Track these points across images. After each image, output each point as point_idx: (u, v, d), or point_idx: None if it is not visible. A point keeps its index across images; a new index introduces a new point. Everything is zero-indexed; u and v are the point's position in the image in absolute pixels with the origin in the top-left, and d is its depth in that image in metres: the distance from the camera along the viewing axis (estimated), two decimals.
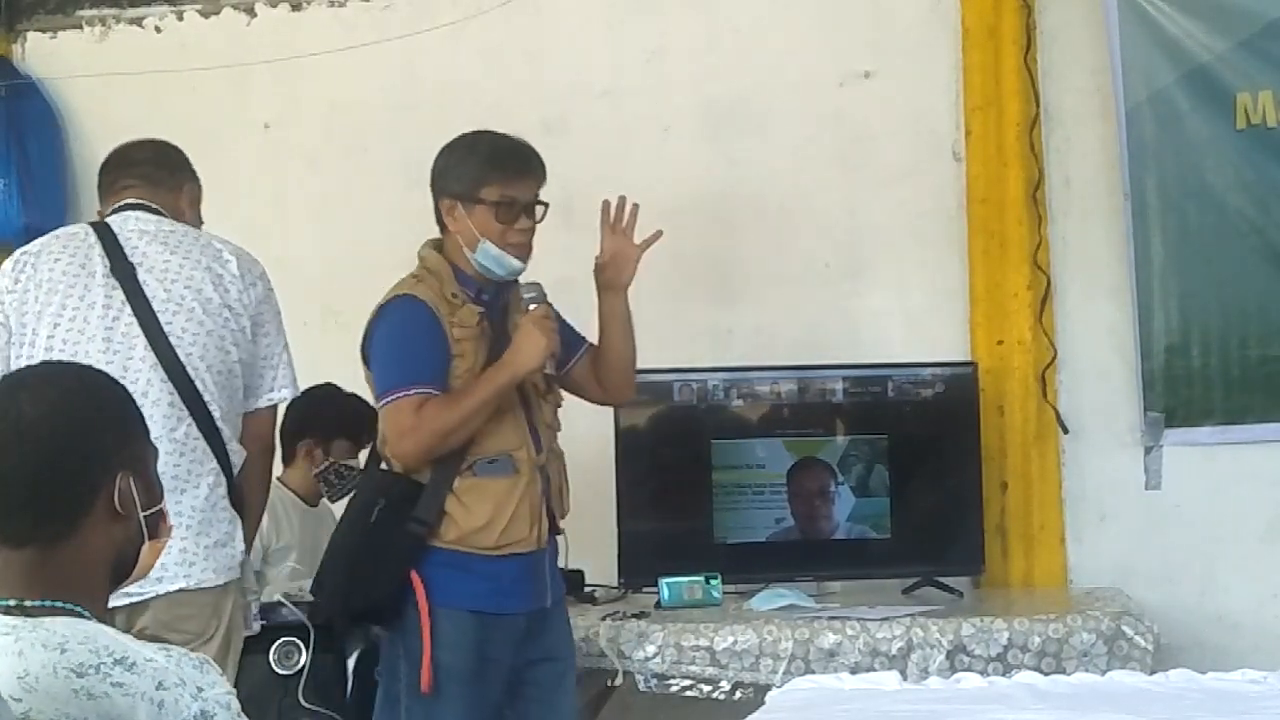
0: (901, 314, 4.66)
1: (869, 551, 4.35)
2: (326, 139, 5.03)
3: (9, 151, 5.07)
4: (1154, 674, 2.95)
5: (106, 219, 3.48)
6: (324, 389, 4.49)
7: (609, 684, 3.92)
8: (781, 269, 4.71)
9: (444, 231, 3.51)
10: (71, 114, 5.19)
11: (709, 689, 3.84)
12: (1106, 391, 4.53)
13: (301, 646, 3.90)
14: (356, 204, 4.98)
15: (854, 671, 3.40)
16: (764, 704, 2.74)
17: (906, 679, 3.08)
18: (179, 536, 3.13)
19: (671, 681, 3.86)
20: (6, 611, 1.77)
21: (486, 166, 3.44)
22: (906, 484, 4.35)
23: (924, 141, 4.66)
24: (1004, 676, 3.05)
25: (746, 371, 4.40)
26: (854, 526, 4.33)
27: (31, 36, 5.26)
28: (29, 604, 1.78)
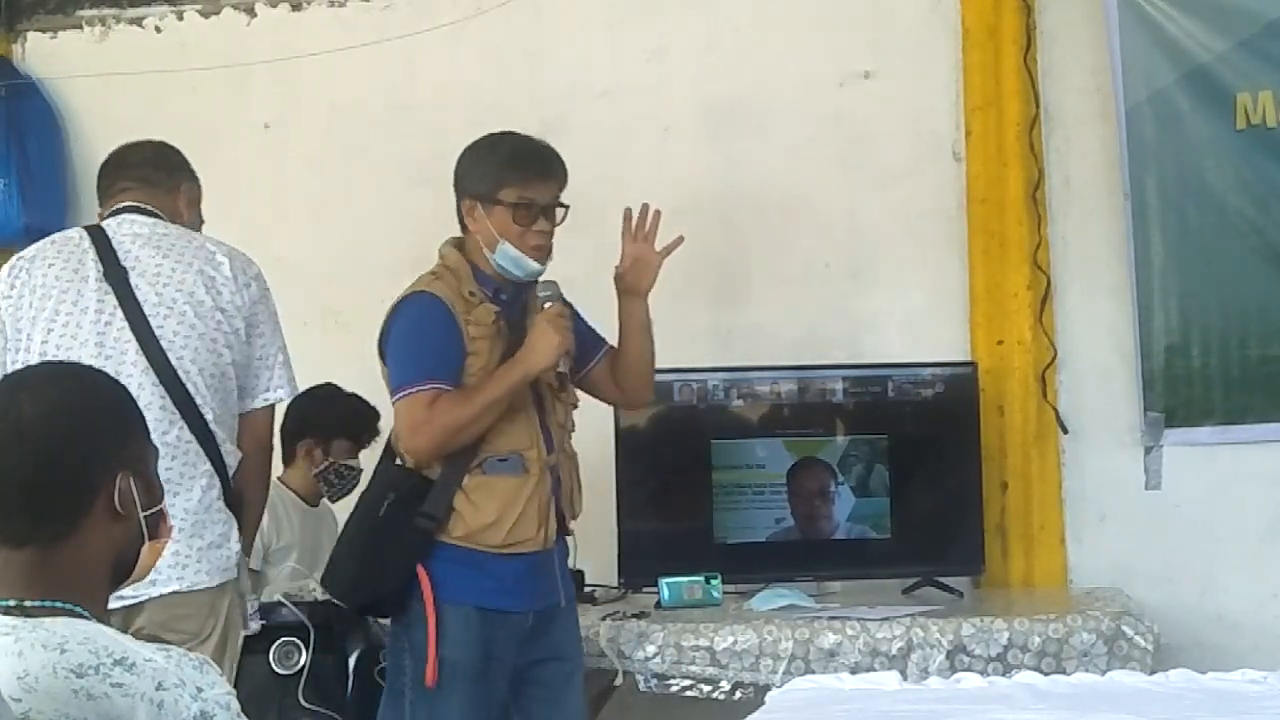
0: (901, 314, 4.66)
1: (869, 551, 4.35)
2: (326, 139, 5.03)
3: (9, 151, 5.06)
4: (1154, 674, 2.95)
5: (102, 223, 3.50)
6: (324, 389, 4.50)
7: (609, 684, 3.92)
8: (781, 269, 4.72)
9: (465, 231, 3.52)
10: (71, 114, 5.19)
11: (709, 689, 3.84)
12: (1106, 391, 4.53)
13: (301, 646, 3.91)
14: (356, 204, 4.98)
15: (854, 671, 3.40)
16: (764, 704, 2.74)
17: (906, 679, 3.08)
18: (172, 539, 3.13)
19: (671, 681, 3.86)
20: (6, 612, 1.77)
21: (506, 168, 3.46)
22: (906, 484, 4.35)
23: (924, 141, 4.66)
24: (1004, 676, 3.05)
25: (746, 371, 4.40)
26: (854, 526, 4.33)
27: (31, 36, 5.26)
28: (29, 604, 1.78)
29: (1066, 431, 4.51)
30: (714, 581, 4.13)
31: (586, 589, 4.22)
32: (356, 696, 3.95)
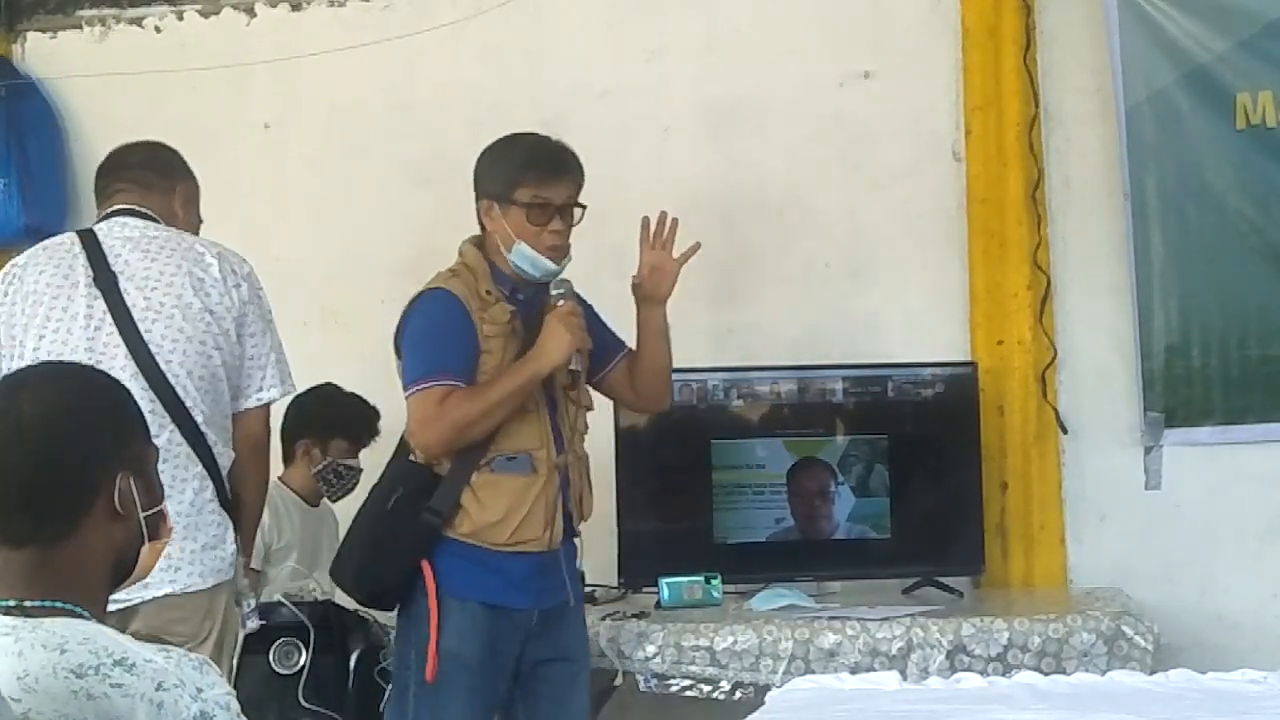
0: (901, 314, 4.66)
1: (869, 551, 4.35)
2: (326, 139, 5.03)
3: (9, 151, 5.06)
4: (1154, 674, 2.95)
5: (95, 226, 3.51)
6: (324, 389, 4.50)
7: (609, 684, 3.92)
8: (781, 269, 4.71)
9: (483, 231, 3.54)
10: (71, 114, 5.19)
11: (709, 689, 3.84)
12: (1106, 391, 4.53)
13: (301, 646, 3.91)
14: (356, 204, 4.98)
15: (854, 671, 3.40)
16: (764, 704, 2.74)
17: (906, 679, 3.08)
18: None
19: (671, 681, 3.86)
20: (6, 612, 1.77)
21: (521, 168, 3.48)
22: (906, 484, 4.35)
23: (924, 141, 4.66)
24: (1004, 676, 3.05)
25: (746, 371, 4.40)
26: (854, 526, 4.33)
27: (31, 36, 5.26)
28: (29, 604, 1.78)
29: (1066, 431, 4.51)
30: (714, 581, 4.13)
31: (586, 589, 4.20)
32: (357, 696, 3.95)
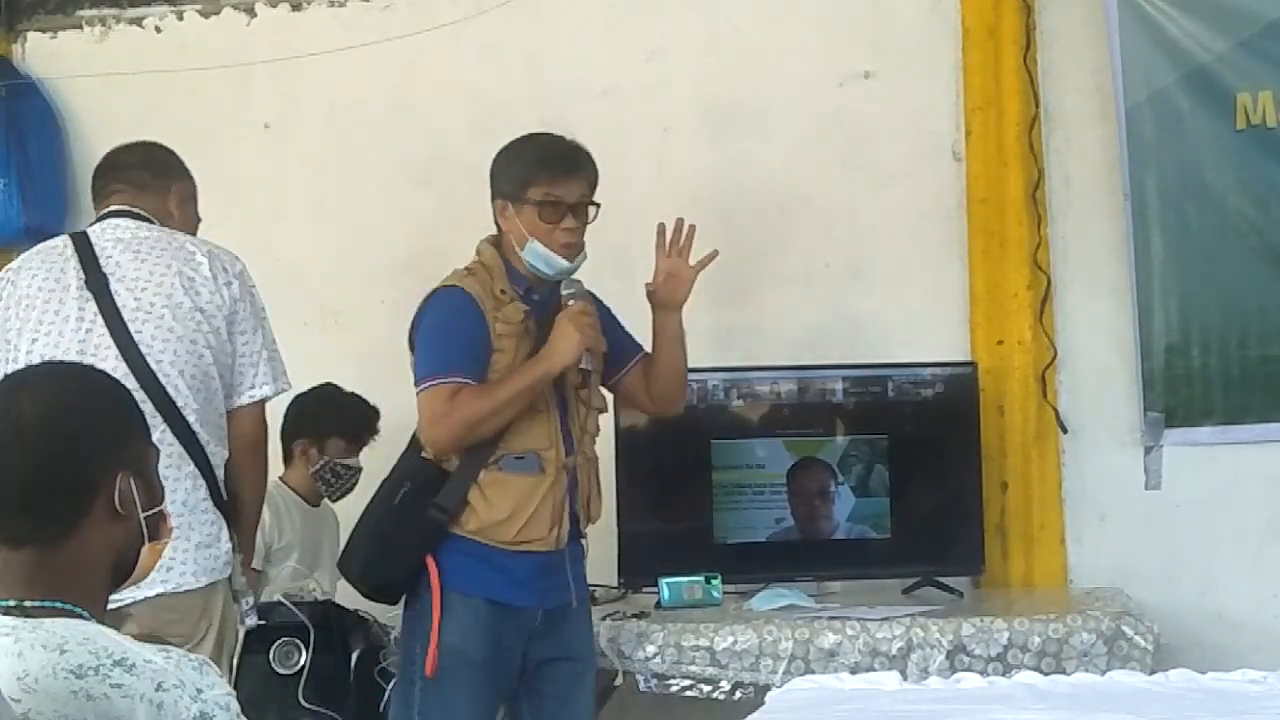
0: (901, 314, 4.66)
1: (869, 551, 4.35)
2: (326, 139, 5.03)
3: (9, 151, 5.06)
4: (1154, 674, 2.94)
5: (89, 228, 3.53)
6: (323, 389, 4.49)
7: (609, 684, 3.92)
8: (781, 269, 4.71)
9: (499, 231, 3.56)
10: (71, 114, 5.19)
11: (709, 689, 3.84)
12: (1106, 391, 4.53)
13: (301, 646, 3.91)
14: (356, 204, 4.98)
15: (854, 671, 3.40)
16: (764, 704, 2.73)
17: (906, 679, 3.08)
18: None
19: (671, 681, 3.86)
20: (6, 612, 1.77)
21: (533, 166, 3.50)
22: (906, 484, 4.35)
23: (924, 141, 4.66)
24: (1004, 676, 3.05)
25: (746, 371, 4.40)
26: (854, 526, 4.33)
27: (31, 36, 5.26)
28: (29, 604, 1.78)
29: (1066, 431, 4.50)
30: (714, 581, 4.13)
31: (587, 589, 4.22)
32: (357, 696, 3.95)
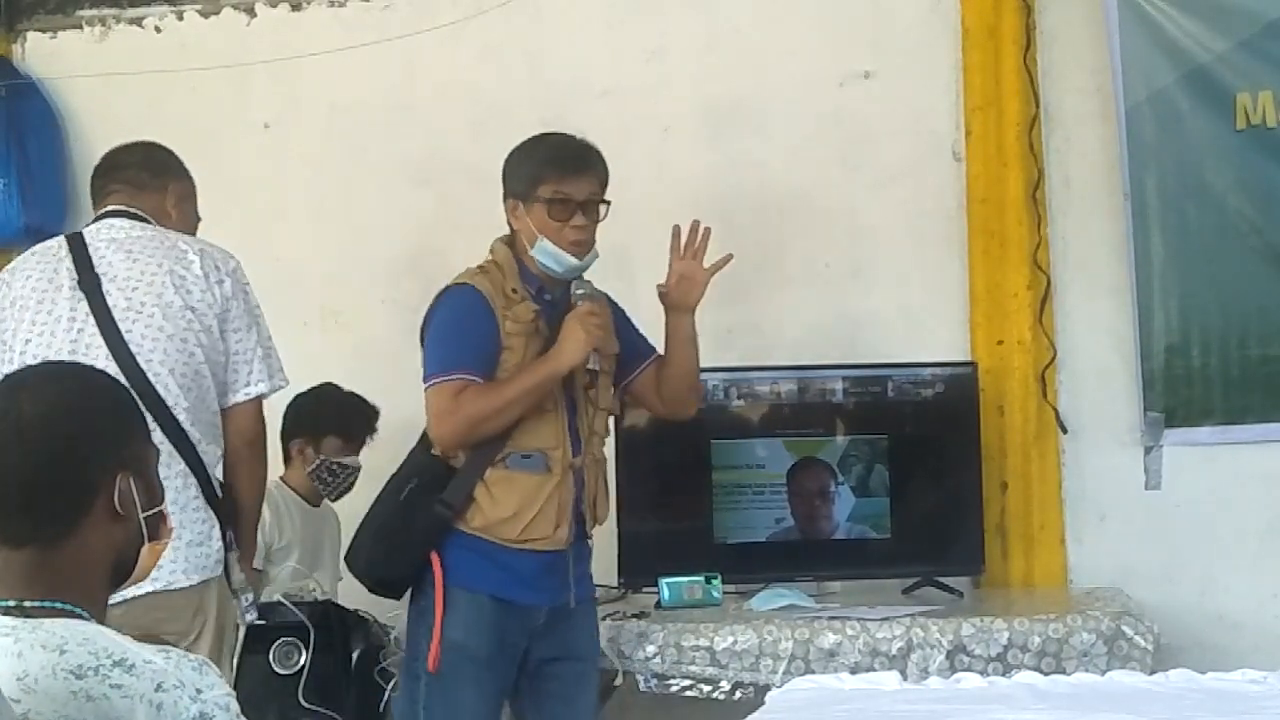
0: (901, 314, 4.65)
1: (869, 551, 4.35)
2: (326, 139, 5.03)
3: (9, 151, 5.06)
4: (1154, 674, 2.94)
5: (84, 229, 3.54)
6: (322, 388, 4.49)
7: (609, 684, 3.92)
8: (781, 269, 4.71)
9: (512, 231, 3.57)
10: (71, 114, 5.19)
11: (709, 689, 3.84)
12: (1106, 391, 4.53)
13: (301, 646, 3.91)
14: (356, 204, 4.98)
15: (854, 671, 3.40)
16: (764, 704, 2.73)
17: (906, 679, 3.07)
18: None
19: (671, 681, 3.86)
20: (6, 612, 1.77)
21: (543, 165, 3.51)
22: (906, 484, 4.35)
23: (924, 141, 4.66)
24: (1004, 676, 3.05)
25: (746, 371, 4.40)
26: (854, 526, 4.33)
27: (31, 36, 5.26)
28: (28, 605, 1.78)
29: (1066, 431, 4.50)
30: (714, 581, 4.13)
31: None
32: (357, 696, 3.95)
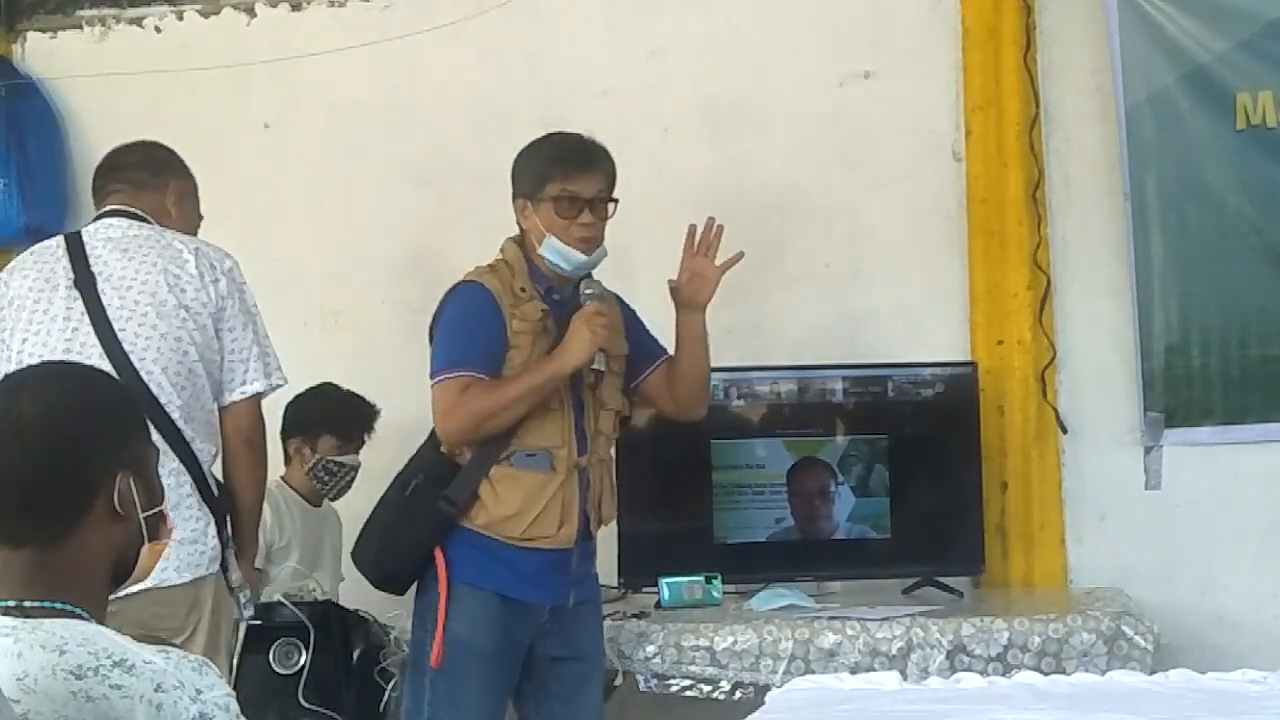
0: (901, 314, 4.65)
1: (869, 551, 4.35)
2: (326, 139, 5.03)
3: (9, 151, 5.06)
4: (1154, 674, 2.94)
5: (83, 228, 3.54)
6: (321, 388, 4.49)
7: (609, 684, 3.92)
8: (781, 269, 4.71)
9: (521, 231, 3.58)
10: (71, 114, 5.19)
11: (709, 689, 3.84)
12: (1106, 391, 4.53)
13: (301, 646, 3.91)
14: (356, 204, 4.98)
15: (854, 671, 3.40)
16: (764, 704, 2.73)
17: (906, 679, 3.08)
18: None
19: (671, 681, 3.86)
20: (6, 612, 1.77)
21: (549, 163, 3.52)
22: (906, 484, 4.35)
23: (924, 141, 4.66)
24: (1004, 676, 3.05)
25: (746, 371, 4.39)
26: (854, 526, 4.33)
27: (31, 36, 5.26)
28: (28, 605, 1.78)
29: (1066, 431, 4.50)
30: (714, 581, 4.13)
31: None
32: (357, 696, 3.95)
